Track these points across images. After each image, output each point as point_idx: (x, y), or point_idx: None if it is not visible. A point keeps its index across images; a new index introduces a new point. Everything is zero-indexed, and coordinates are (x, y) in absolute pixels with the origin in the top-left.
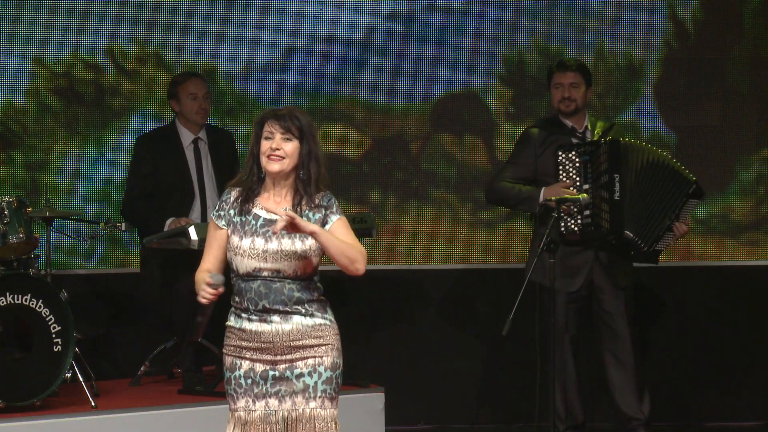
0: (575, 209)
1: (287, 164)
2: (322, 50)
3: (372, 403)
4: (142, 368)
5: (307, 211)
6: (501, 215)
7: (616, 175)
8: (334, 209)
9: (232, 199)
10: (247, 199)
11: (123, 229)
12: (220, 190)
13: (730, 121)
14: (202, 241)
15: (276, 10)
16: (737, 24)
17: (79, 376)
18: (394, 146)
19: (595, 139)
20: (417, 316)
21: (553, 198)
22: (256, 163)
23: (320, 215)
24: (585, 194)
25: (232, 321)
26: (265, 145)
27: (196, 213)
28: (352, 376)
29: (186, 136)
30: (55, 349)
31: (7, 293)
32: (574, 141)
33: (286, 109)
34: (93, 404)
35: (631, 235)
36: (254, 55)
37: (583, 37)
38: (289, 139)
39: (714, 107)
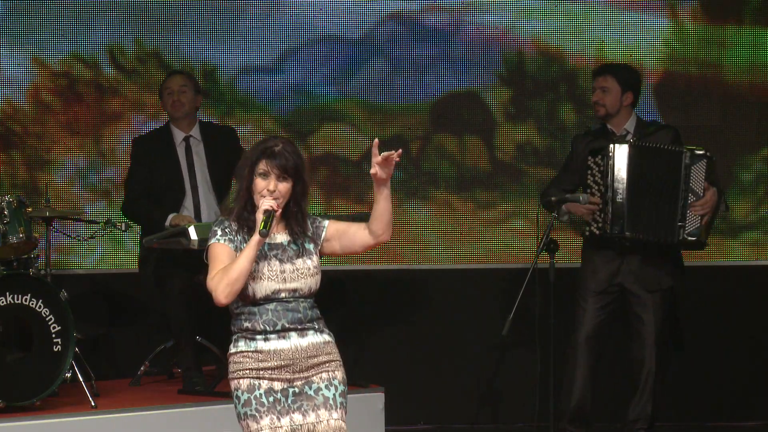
0: (598, 213)
1: (282, 203)
2: (322, 50)
3: (372, 403)
4: (142, 368)
5: (306, 241)
6: (501, 215)
7: (620, 178)
8: (319, 219)
9: (236, 227)
10: (249, 228)
11: (123, 229)
12: (215, 187)
13: (730, 121)
14: (203, 240)
15: (276, 10)
16: (737, 24)
17: (79, 376)
18: (394, 146)
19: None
20: (417, 317)
21: (553, 198)
22: (250, 198)
23: (311, 234)
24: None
25: (242, 346)
26: (260, 184)
27: (188, 211)
28: (352, 376)
29: (177, 135)
30: (55, 349)
31: (7, 293)
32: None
33: (280, 146)
34: (93, 404)
35: (630, 235)
36: (254, 55)
37: (583, 37)
38: (284, 179)
39: (714, 107)
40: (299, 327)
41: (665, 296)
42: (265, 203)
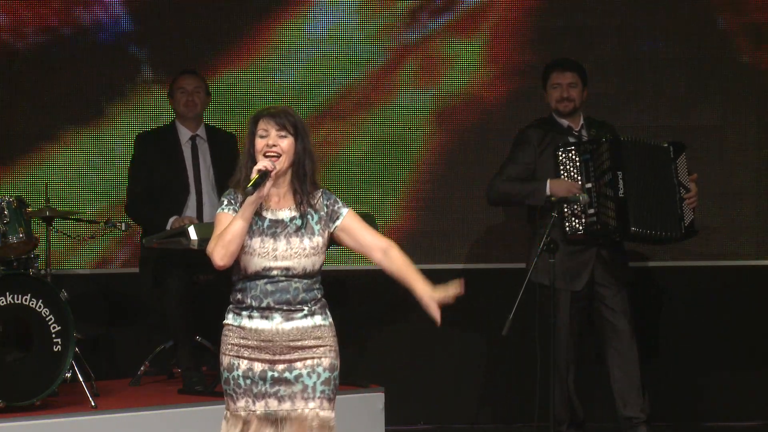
0: (578, 209)
1: (283, 161)
2: (322, 50)
3: (372, 403)
4: (142, 368)
5: (310, 210)
6: (501, 215)
7: (619, 173)
8: (339, 204)
9: (241, 198)
10: None
11: (123, 229)
12: (219, 188)
13: (730, 121)
14: (202, 240)
15: (276, 10)
16: (737, 24)
17: (79, 376)
18: (394, 146)
19: (591, 137)
20: (417, 316)
21: (553, 198)
22: (253, 162)
23: (323, 213)
24: (585, 194)
25: (230, 319)
26: (260, 143)
27: (191, 209)
28: (352, 376)
29: (184, 134)
30: (55, 349)
31: (7, 293)
32: (572, 140)
33: (280, 108)
34: (93, 404)
35: (635, 230)
36: (254, 54)
37: (583, 37)
38: (284, 136)
39: (714, 107)
40: (285, 308)
41: (629, 290)
42: (261, 162)
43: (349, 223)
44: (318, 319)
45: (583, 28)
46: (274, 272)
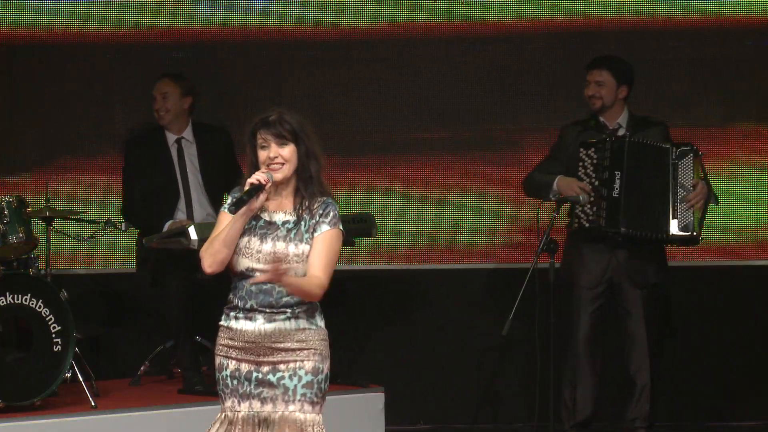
0: (588, 208)
1: (288, 169)
2: (322, 49)
3: (372, 403)
4: (142, 368)
5: (306, 215)
6: (500, 215)
7: (617, 173)
8: (328, 219)
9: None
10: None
11: (123, 229)
12: (208, 188)
13: (730, 121)
14: (202, 241)
15: (276, 9)
16: (738, 23)
17: (79, 376)
18: (393, 145)
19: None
20: (416, 317)
21: (553, 198)
22: (258, 170)
23: (315, 220)
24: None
25: (222, 319)
26: (262, 154)
27: (182, 213)
28: (352, 376)
29: (169, 137)
30: (55, 349)
31: (7, 293)
32: (604, 138)
33: (276, 114)
34: (93, 404)
35: (625, 231)
36: (254, 52)
37: (584, 37)
38: (284, 144)
39: (714, 107)
40: (268, 310)
41: (652, 292)
42: (254, 176)
43: (318, 241)
44: (302, 323)
45: (585, 28)
46: (257, 273)
